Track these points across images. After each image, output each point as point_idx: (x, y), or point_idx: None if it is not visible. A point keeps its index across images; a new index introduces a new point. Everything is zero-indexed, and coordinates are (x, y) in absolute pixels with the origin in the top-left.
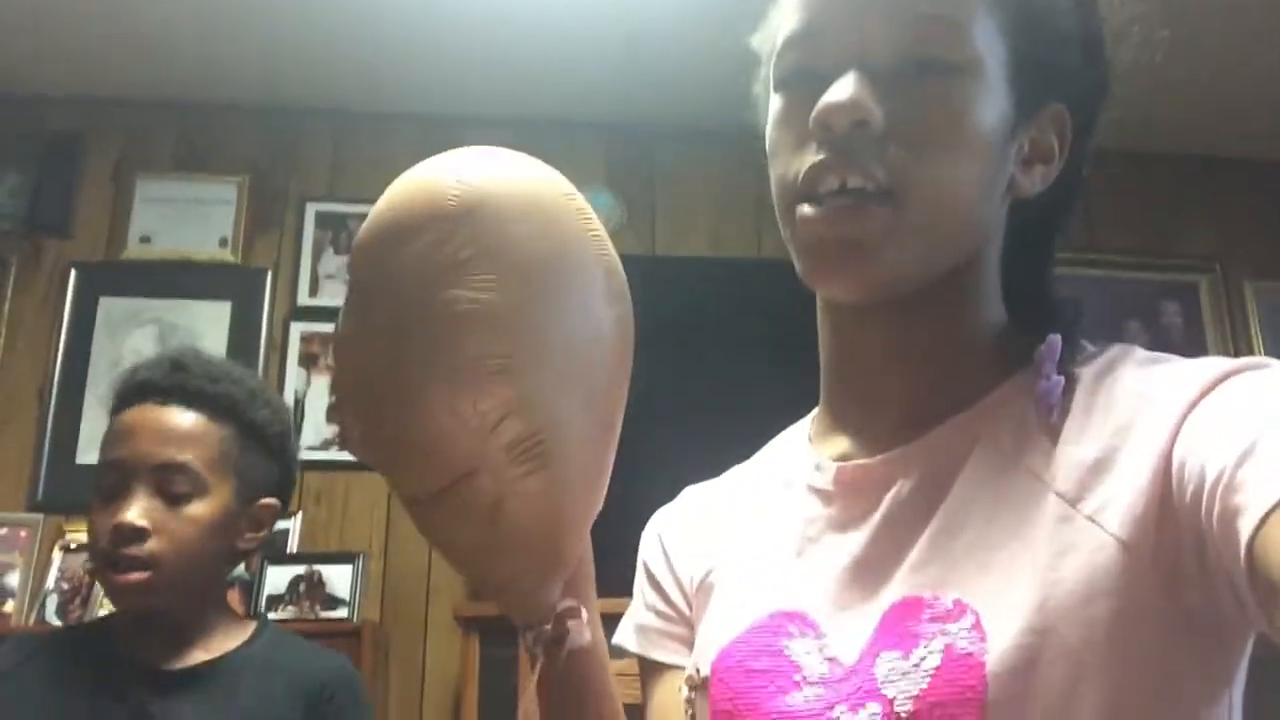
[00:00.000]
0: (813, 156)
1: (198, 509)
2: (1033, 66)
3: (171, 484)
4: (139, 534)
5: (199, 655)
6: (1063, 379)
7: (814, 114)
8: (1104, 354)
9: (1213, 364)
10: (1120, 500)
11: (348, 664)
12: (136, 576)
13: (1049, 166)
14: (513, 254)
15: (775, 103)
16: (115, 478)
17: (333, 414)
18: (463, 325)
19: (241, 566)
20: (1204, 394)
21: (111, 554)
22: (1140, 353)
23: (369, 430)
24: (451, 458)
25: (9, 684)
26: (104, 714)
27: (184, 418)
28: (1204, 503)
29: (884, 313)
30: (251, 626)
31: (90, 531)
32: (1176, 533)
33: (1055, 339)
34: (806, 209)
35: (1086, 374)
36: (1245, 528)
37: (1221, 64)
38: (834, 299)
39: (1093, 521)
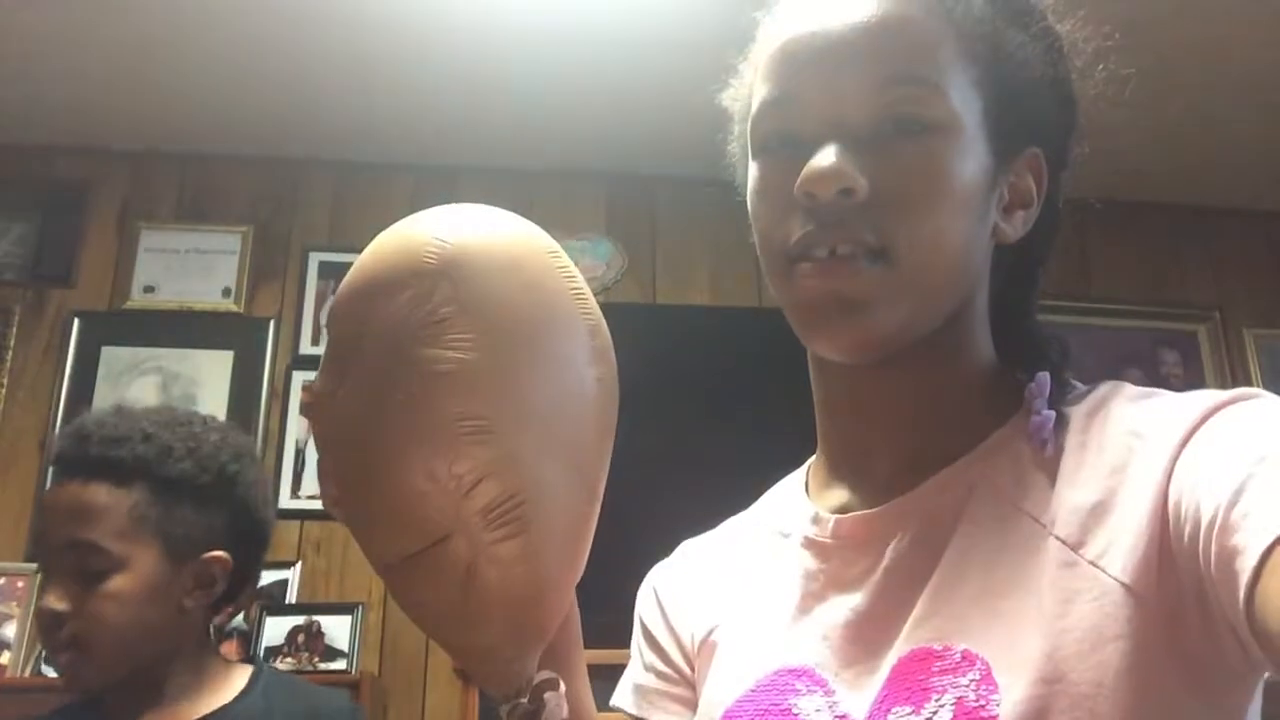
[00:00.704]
0: (800, 227)
1: (117, 583)
2: (1008, 115)
3: (84, 563)
4: (56, 618)
5: (190, 714)
6: (1054, 414)
7: (798, 185)
8: (1094, 392)
9: (1202, 398)
10: (1122, 544)
11: (348, 700)
12: (64, 658)
13: (1029, 211)
14: (493, 312)
15: (754, 169)
16: (40, 562)
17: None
18: (440, 385)
19: (240, 617)
20: (1195, 429)
21: (42, 643)
22: (1130, 389)
23: (343, 491)
24: (425, 521)
25: None
26: None
27: (85, 492)
28: (1200, 545)
29: (876, 367)
30: (247, 673)
31: None
32: (1177, 578)
33: (1044, 376)
34: (804, 266)
35: (1078, 412)
36: (1243, 570)
37: (1218, 115)
38: (829, 357)
39: (1096, 566)
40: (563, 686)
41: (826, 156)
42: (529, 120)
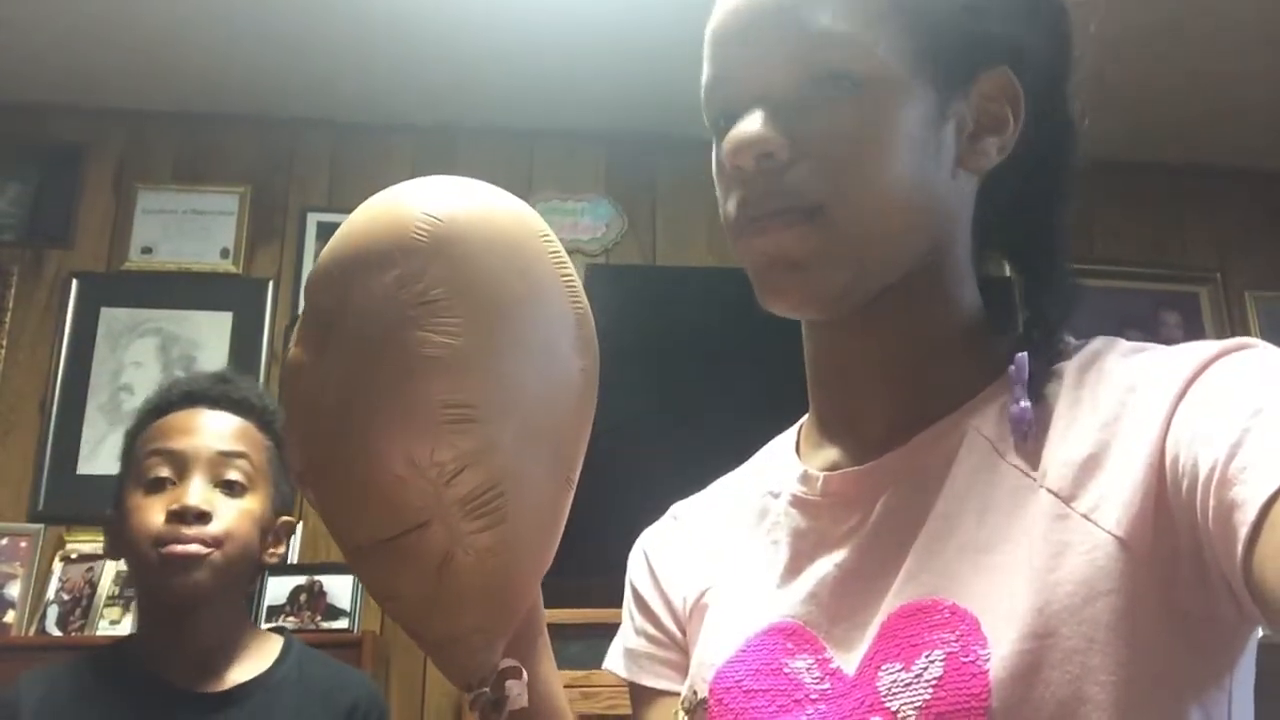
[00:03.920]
0: (736, 196)
1: (249, 502)
2: (950, 45)
3: (228, 473)
4: (201, 517)
5: (235, 676)
6: (1029, 406)
7: (724, 157)
8: (1087, 346)
9: (1197, 350)
10: (1116, 498)
11: (371, 681)
12: (197, 549)
13: (1002, 135)
14: (485, 297)
15: (713, 149)
16: (168, 468)
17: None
18: (427, 369)
19: None
20: (1191, 382)
21: (170, 535)
22: (1123, 343)
23: (316, 469)
24: (403, 507)
25: (39, 718)
26: None
27: (235, 420)
28: (1198, 499)
29: (855, 323)
30: (279, 643)
31: (135, 519)
32: (1173, 533)
33: (1022, 358)
34: (748, 230)
35: (1070, 367)
36: (1241, 524)
37: (1219, 74)
38: (786, 316)
39: (1088, 520)
40: (525, 675)
41: (747, 125)
42: (528, 80)
